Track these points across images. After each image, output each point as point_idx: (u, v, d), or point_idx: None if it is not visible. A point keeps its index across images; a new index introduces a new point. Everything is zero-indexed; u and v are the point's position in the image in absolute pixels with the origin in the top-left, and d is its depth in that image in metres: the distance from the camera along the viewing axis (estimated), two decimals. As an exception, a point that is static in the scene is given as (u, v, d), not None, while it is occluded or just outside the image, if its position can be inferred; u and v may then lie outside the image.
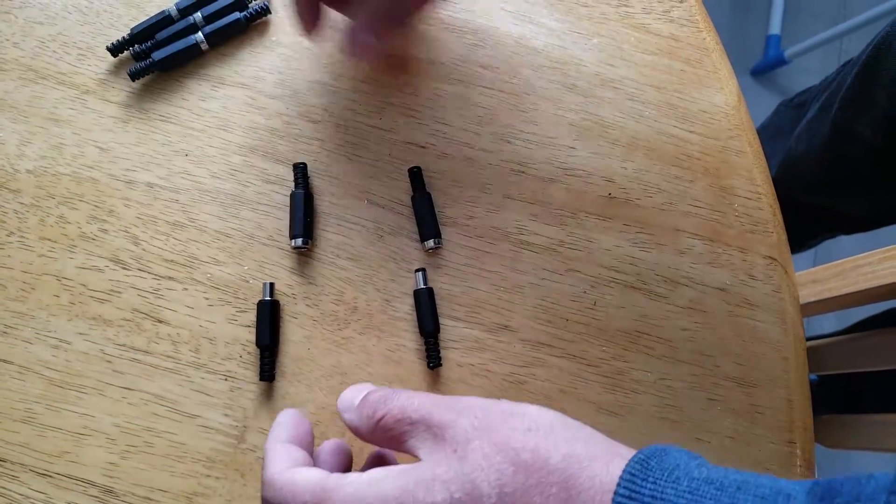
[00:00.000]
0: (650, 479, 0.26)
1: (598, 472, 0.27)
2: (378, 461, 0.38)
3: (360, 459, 0.42)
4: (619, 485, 0.26)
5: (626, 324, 0.47)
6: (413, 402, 0.32)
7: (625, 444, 0.30)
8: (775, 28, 1.70)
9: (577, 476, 0.27)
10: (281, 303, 0.45)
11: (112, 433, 0.43)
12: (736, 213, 0.49)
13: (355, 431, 0.33)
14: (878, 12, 1.45)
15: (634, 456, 0.28)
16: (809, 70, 1.70)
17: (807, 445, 0.46)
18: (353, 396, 0.34)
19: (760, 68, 1.68)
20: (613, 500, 0.26)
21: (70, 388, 0.43)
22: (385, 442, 0.32)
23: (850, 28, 1.51)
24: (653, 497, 0.26)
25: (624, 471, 0.27)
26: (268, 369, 0.44)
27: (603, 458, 0.28)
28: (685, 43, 0.52)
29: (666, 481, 0.26)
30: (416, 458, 0.31)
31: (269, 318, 0.44)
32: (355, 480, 0.30)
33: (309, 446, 0.36)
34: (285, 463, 0.33)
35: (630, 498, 0.26)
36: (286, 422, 0.36)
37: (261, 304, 0.44)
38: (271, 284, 0.45)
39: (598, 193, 0.49)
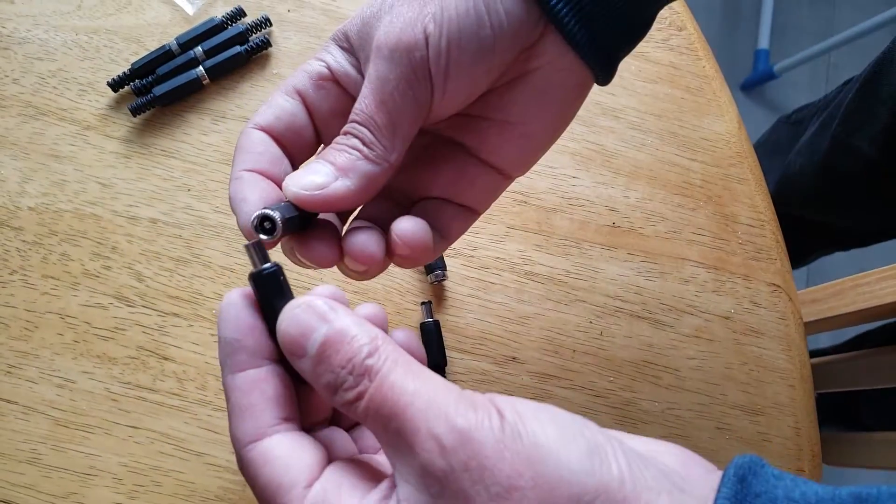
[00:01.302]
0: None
1: None
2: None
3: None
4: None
5: (632, 353, 0.47)
6: (406, 396, 0.22)
7: None
8: (764, 42, 1.72)
9: None
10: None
11: (119, 473, 0.42)
12: (739, 240, 0.49)
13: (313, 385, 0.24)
14: (865, 27, 1.47)
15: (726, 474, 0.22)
16: (799, 84, 1.72)
17: (816, 472, 0.46)
18: (304, 332, 0.23)
19: (750, 83, 1.70)
20: None
21: (76, 427, 0.43)
22: (353, 418, 0.24)
23: (838, 42, 1.52)
24: None
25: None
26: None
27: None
28: (685, 71, 0.53)
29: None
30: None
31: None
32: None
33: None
34: (249, 422, 0.24)
35: None
36: (237, 329, 0.25)
37: None
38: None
39: (601, 223, 0.49)
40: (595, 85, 0.31)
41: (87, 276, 0.45)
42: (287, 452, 0.23)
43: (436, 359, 0.45)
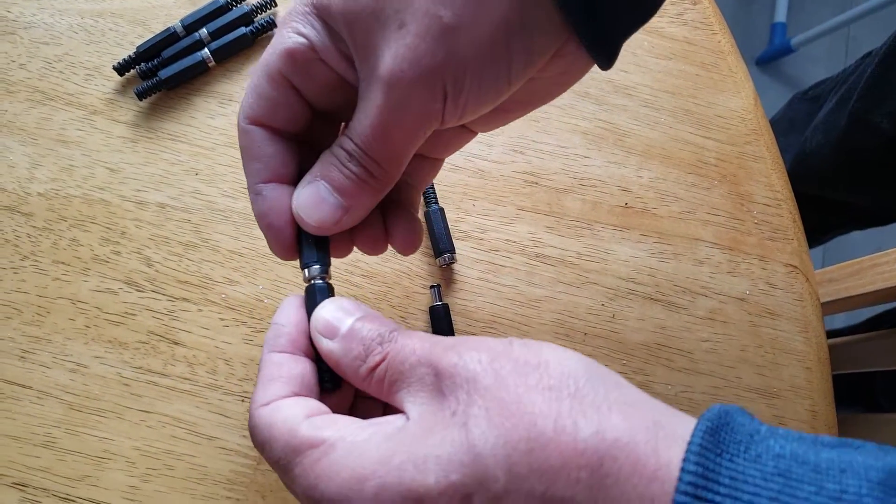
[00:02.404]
0: (724, 465, 0.20)
1: (643, 453, 0.21)
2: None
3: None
4: (683, 471, 0.20)
5: (645, 336, 0.46)
6: (412, 343, 0.26)
7: None
8: (781, 16, 1.68)
9: (615, 458, 0.21)
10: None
11: (132, 456, 0.42)
12: (755, 220, 0.48)
13: (336, 367, 0.27)
14: (886, -2, 1.44)
15: (697, 428, 0.21)
16: (816, 59, 1.68)
17: (831, 455, 0.45)
18: (338, 318, 0.28)
19: (766, 57, 1.66)
20: (676, 499, 0.20)
21: (89, 411, 0.43)
22: (372, 390, 0.26)
23: (858, 14, 1.49)
24: (732, 489, 0.19)
25: (688, 451, 0.20)
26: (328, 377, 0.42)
27: (649, 433, 0.21)
28: (699, 46, 0.52)
29: (745, 461, 0.20)
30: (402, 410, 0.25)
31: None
32: (332, 438, 0.24)
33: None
34: (271, 389, 0.27)
35: (697, 497, 0.19)
36: (287, 319, 0.29)
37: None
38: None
39: (613, 203, 0.48)
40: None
41: (96, 262, 0.45)
42: (295, 405, 0.26)
43: (446, 342, 0.44)
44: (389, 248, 0.33)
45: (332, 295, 0.30)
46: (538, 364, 0.23)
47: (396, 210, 0.33)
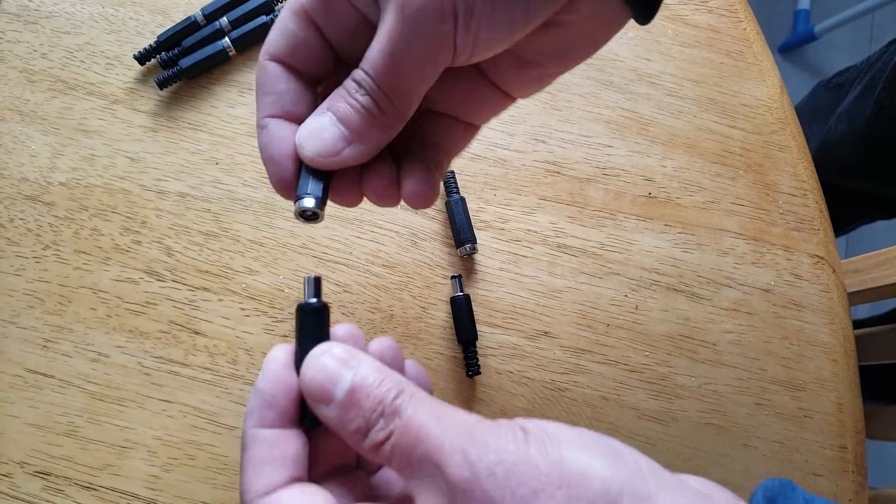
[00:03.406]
0: None
1: None
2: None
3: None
4: None
5: (668, 327, 0.46)
6: (417, 423, 0.22)
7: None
8: (804, 3, 1.65)
9: None
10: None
11: (153, 446, 0.43)
12: (780, 210, 0.48)
13: (336, 433, 0.24)
14: (913, -16, 1.41)
15: None
16: (840, 46, 1.66)
17: (859, 449, 0.45)
18: (331, 378, 0.24)
19: (789, 45, 1.64)
20: None
21: (111, 401, 0.43)
22: (379, 461, 0.24)
23: (882, 1, 1.46)
24: None
25: None
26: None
27: None
28: (724, 34, 0.51)
29: None
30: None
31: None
32: None
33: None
34: (266, 475, 0.24)
35: None
36: (273, 387, 0.26)
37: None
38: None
39: (637, 193, 0.47)
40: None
41: (117, 251, 0.45)
42: (300, 499, 0.24)
43: (466, 333, 0.44)
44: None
45: (327, 315, 0.27)
46: (561, 479, 0.20)
47: (415, 164, 0.30)
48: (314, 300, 0.27)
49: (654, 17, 0.27)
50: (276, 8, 0.49)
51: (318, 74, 0.29)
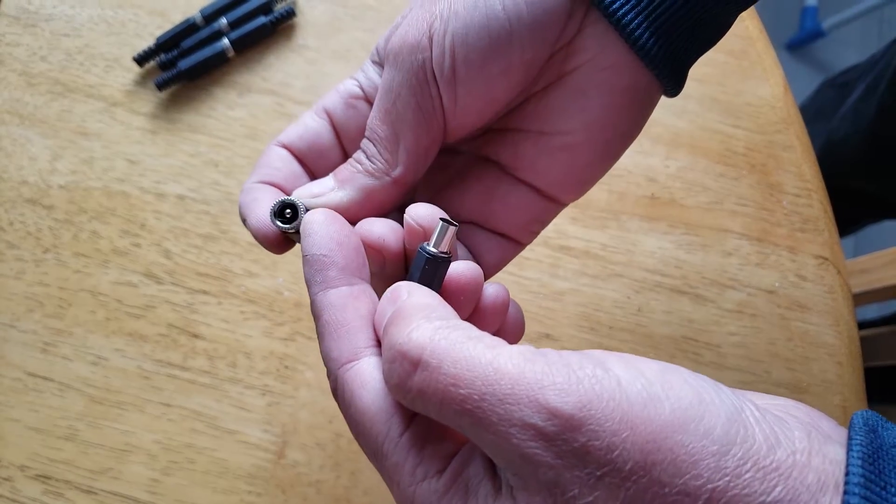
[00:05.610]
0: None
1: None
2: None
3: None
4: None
5: (672, 329, 0.45)
6: (460, 386, 0.18)
7: None
8: (811, -1, 1.64)
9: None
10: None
11: (153, 450, 0.42)
12: (785, 211, 0.47)
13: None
14: (921, -20, 1.40)
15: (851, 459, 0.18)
16: (848, 43, 1.64)
17: (863, 453, 0.44)
18: (385, 308, 0.23)
19: (796, 42, 1.63)
20: None
21: (110, 404, 0.43)
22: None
23: (891, -3, 1.45)
24: None
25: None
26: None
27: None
28: (727, 33, 0.50)
29: None
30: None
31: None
32: None
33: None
34: (352, 340, 0.23)
35: None
36: (326, 246, 0.24)
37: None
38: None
39: (640, 194, 0.47)
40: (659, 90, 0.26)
41: (116, 254, 0.45)
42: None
43: (467, 336, 0.43)
44: None
45: (445, 268, 0.24)
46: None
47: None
48: (437, 250, 0.24)
49: (682, 87, 0.26)
50: (274, 9, 0.49)
51: (322, 168, 0.29)
